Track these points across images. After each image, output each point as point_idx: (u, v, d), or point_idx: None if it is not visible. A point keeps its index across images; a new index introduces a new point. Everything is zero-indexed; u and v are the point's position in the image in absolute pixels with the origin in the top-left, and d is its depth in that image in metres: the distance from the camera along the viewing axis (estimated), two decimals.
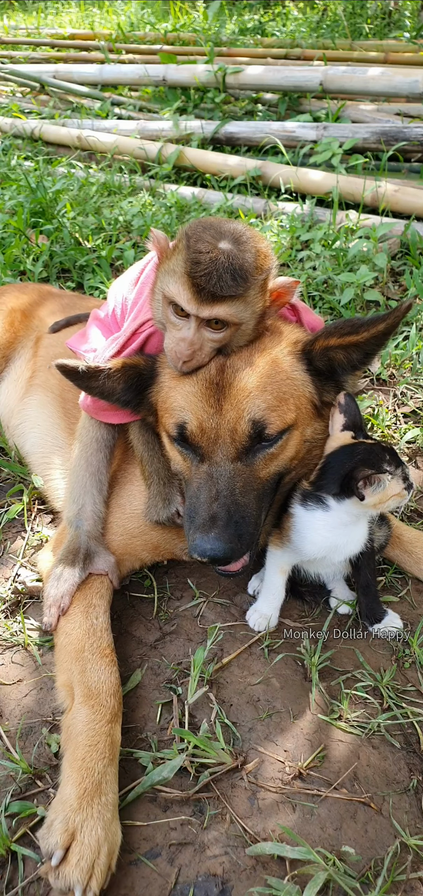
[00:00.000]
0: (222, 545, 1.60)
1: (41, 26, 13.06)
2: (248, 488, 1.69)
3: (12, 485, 2.51)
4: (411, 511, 2.37)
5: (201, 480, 1.70)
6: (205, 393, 1.71)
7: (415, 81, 5.48)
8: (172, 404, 1.77)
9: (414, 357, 3.17)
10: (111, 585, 1.92)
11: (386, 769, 1.58)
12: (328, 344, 1.74)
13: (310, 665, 1.77)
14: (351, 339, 1.70)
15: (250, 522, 1.68)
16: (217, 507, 1.64)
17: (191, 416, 1.71)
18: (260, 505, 1.74)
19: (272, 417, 1.69)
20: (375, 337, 1.67)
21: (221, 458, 1.69)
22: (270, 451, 1.73)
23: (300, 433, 1.79)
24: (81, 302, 2.95)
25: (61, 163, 5.83)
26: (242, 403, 1.68)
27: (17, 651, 1.89)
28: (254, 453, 1.72)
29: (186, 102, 7.08)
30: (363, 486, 1.65)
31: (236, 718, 1.69)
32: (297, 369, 1.77)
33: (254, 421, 1.68)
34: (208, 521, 1.63)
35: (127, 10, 14.73)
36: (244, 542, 1.66)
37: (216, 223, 1.67)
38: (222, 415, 1.69)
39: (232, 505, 1.65)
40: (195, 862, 1.40)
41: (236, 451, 1.70)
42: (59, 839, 1.32)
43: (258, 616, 1.92)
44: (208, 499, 1.66)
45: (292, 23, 11.76)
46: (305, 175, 4.78)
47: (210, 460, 1.71)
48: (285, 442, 1.75)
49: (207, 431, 1.70)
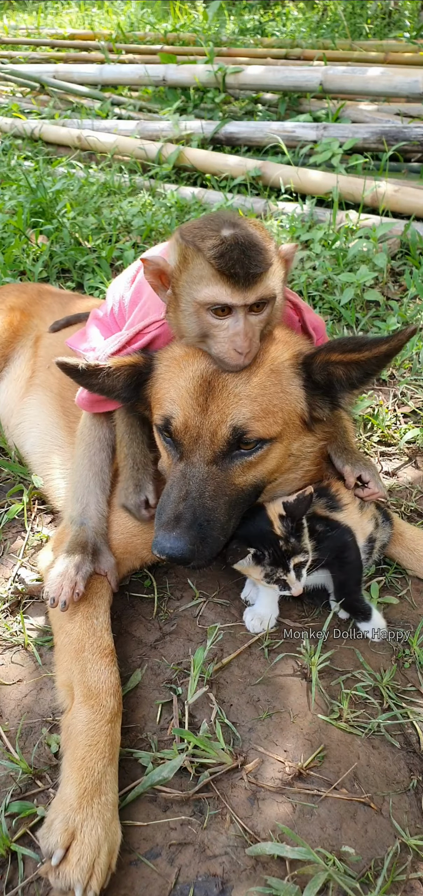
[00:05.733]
0: (181, 545, 1.61)
1: (41, 26, 13.05)
2: (219, 493, 1.69)
3: (12, 485, 2.51)
4: (411, 511, 2.37)
5: (175, 478, 1.72)
6: (196, 391, 1.71)
7: (415, 81, 5.48)
8: (164, 396, 1.77)
9: (414, 357, 3.17)
10: (110, 587, 1.92)
11: (386, 769, 1.58)
12: (330, 358, 1.72)
13: (310, 665, 1.77)
14: (353, 357, 1.68)
15: (216, 527, 1.68)
16: (183, 507, 1.65)
17: (179, 411, 1.72)
18: (231, 512, 1.73)
19: (255, 426, 1.69)
20: (376, 357, 1.66)
21: (197, 458, 1.70)
22: (248, 459, 1.72)
23: (285, 447, 1.78)
24: (81, 302, 2.95)
25: (61, 163, 5.83)
26: (228, 408, 1.68)
27: (17, 651, 1.89)
28: (231, 459, 1.72)
29: (186, 102, 7.08)
30: (232, 555, 1.74)
31: (236, 718, 1.69)
32: (293, 383, 1.76)
33: (235, 427, 1.67)
34: (173, 519, 1.64)
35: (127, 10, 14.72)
36: (208, 545, 1.66)
37: (204, 219, 1.67)
38: (207, 415, 1.70)
39: (199, 507, 1.65)
40: (195, 862, 1.40)
41: (213, 454, 1.70)
42: (59, 839, 1.32)
43: (253, 617, 1.92)
44: (177, 498, 1.67)
45: (292, 23, 11.76)
46: (305, 175, 4.78)
47: (187, 460, 1.72)
48: (265, 453, 1.74)
49: (190, 429, 1.71)
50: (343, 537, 1.86)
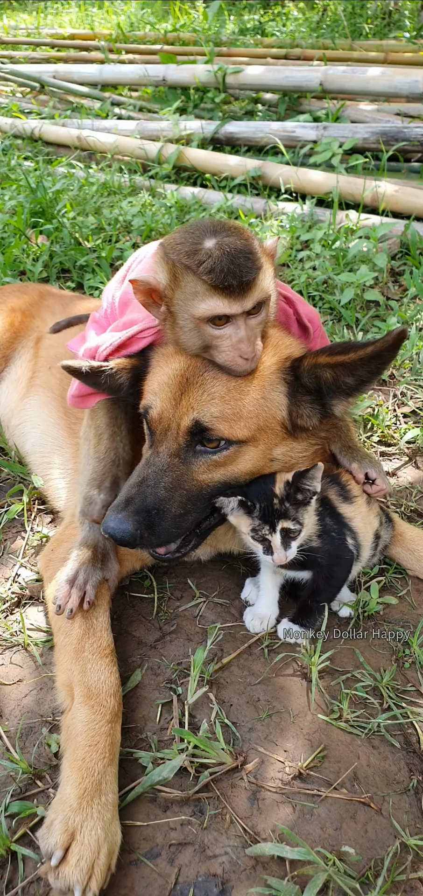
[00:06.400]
0: (124, 527, 1.63)
1: (41, 26, 13.05)
2: (176, 485, 1.71)
3: (12, 485, 2.51)
4: (411, 511, 2.37)
5: (140, 465, 1.76)
6: (174, 385, 1.73)
7: (415, 81, 5.48)
8: (149, 387, 1.81)
9: (414, 357, 3.17)
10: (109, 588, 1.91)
11: (386, 769, 1.58)
12: (317, 362, 1.71)
13: (310, 665, 1.77)
14: (339, 359, 1.66)
15: (167, 518, 1.69)
16: (135, 492, 1.68)
17: (157, 402, 1.75)
18: (187, 506, 1.73)
19: (219, 426, 1.69)
20: (362, 359, 1.63)
21: (163, 449, 1.74)
22: (213, 458, 1.72)
23: (262, 451, 1.76)
24: (82, 303, 2.95)
25: (61, 163, 5.83)
26: (196, 403, 1.69)
27: (17, 651, 1.89)
28: (194, 454, 1.73)
29: (186, 102, 7.08)
30: (226, 502, 1.77)
31: (236, 718, 1.69)
32: (276, 389, 1.74)
33: (197, 420, 1.69)
34: (123, 501, 1.67)
35: (127, 10, 14.73)
36: (156, 534, 1.69)
37: (185, 232, 1.66)
38: (178, 409, 1.72)
39: (151, 495, 1.68)
40: (195, 862, 1.40)
41: (177, 447, 1.73)
42: (58, 839, 1.32)
43: (253, 617, 1.91)
44: (133, 483, 1.71)
45: (292, 23, 11.76)
46: (305, 175, 4.78)
47: (155, 449, 1.75)
48: (233, 454, 1.73)
49: (163, 421, 1.74)
50: (342, 551, 1.85)
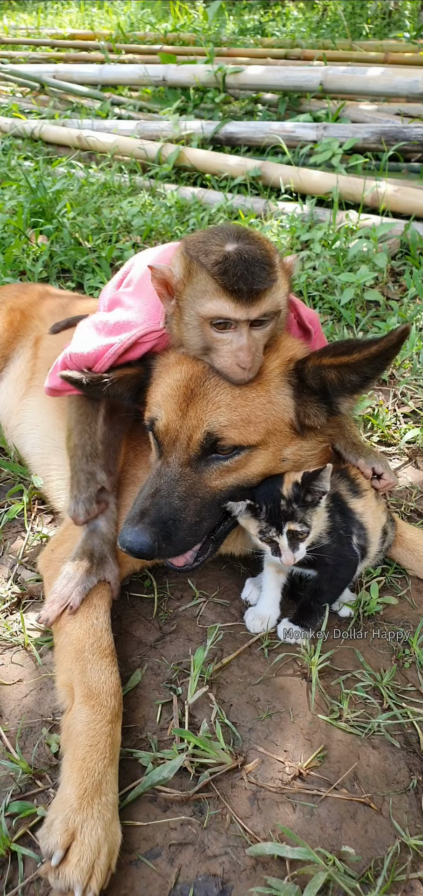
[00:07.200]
0: (142, 540, 1.63)
1: (41, 26, 13.06)
2: (190, 494, 1.71)
3: (12, 485, 2.51)
4: (411, 511, 2.37)
5: (151, 476, 1.76)
6: (179, 396, 1.74)
7: (415, 81, 5.49)
8: (153, 398, 1.82)
9: (414, 357, 3.17)
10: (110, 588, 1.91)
11: (386, 769, 1.58)
12: (321, 363, 1.71)
13: (310, 665, 1.77)
14: (343, 360, 1.67)
15: (183, 527, 1.70)
16: (150, 504, 1.68)
17: (163, 414, 1.76)
18: (202, 513, 1.74)
19: (231, 434, 1.70)
20: (367, 359, 1.63)
21: (173, 459, 1.74)
22: (225, 463, 1.74)
23: (273, 453, 1.77)
24: (82, 303, 2.95)
25: (61, 163, 5.83)
26: (205, 414, 1.70)
27: (17, 651, 1.89)
28: (207, 462, 1.74)
29: (186, 102, 7.08)
30: (235, 506, 1.76)
31: (236, 718, 1.69)
32: (282, 392, 1.76)
33: (209, 432, 1.69)
34: (138, 514, 1.67)
35: (127, 10, 14.73)
36: (173, 544, 1.69)
37: (210, 232, 1.67)
38: (185, 419, 1.72)
39: (166, 506, 1.68)
40: (195, 862, 1.40)
41: (187, 457, 1.73)
42: (59, 839, 1.32)
43: (254, 617, 1.91)
44: (147, 494, 1.71)
45: (292, 23, 11.77)
46: (305, 175, 4.78)
47: (165, 460, 1.75)
48: (245, 458, 1.74)
49: (170, 432, 1.75)
50: (347, 552, 1.85)
